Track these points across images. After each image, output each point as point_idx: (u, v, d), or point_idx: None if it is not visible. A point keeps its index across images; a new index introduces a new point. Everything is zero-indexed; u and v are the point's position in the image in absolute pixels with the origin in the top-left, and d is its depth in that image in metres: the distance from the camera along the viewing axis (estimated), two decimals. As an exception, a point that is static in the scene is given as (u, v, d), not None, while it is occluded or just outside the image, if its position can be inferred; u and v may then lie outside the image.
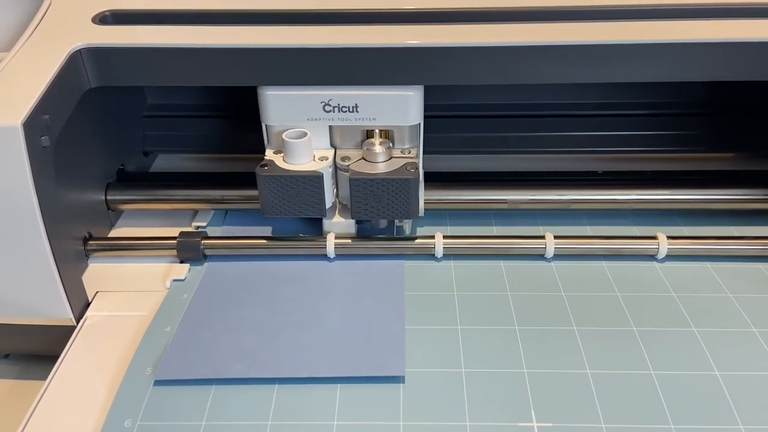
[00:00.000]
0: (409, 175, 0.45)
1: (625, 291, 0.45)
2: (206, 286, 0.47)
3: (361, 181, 0.45)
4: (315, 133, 0.47)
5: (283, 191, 0.46)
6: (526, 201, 0.52)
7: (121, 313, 0.45)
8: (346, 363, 0.39)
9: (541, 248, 0.48)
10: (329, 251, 0.49)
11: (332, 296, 0.45)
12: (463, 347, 0.40)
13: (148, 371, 0.39)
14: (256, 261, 0.49)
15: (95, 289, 0.47)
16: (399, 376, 0.38)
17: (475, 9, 0.49)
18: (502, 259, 0.49)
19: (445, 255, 0.49)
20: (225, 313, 0.44)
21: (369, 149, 0.47)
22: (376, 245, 0.49)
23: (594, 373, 0.38)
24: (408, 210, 0.47)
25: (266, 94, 0.46)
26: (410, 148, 0.48)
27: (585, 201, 0.51)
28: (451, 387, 0.38)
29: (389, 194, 0.46)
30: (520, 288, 0.46)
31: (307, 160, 0.47)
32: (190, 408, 0.37)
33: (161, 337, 0.42)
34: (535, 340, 0.41)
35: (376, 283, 0.46)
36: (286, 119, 0.47)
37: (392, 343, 0.40)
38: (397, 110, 0.46)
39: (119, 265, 0.50)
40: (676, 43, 0.42)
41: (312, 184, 0.46)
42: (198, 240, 0.49)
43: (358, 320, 0.43)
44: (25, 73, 0.42)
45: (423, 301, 0.45)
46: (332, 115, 0.46)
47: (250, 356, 0.40)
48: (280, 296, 0.45)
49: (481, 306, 0.44)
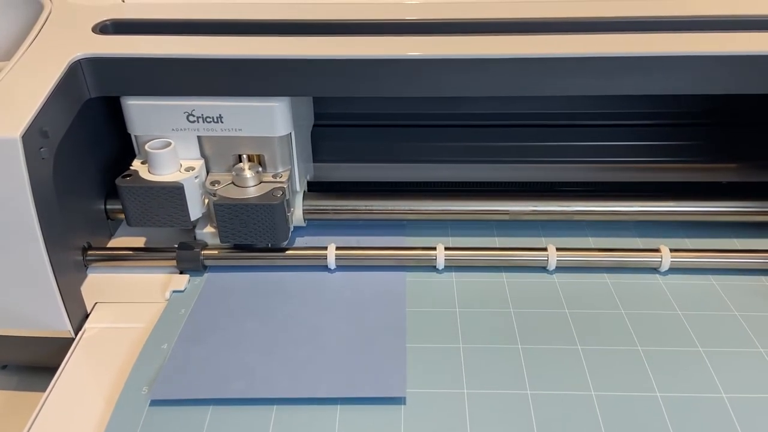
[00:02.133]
0: (274, 200, 0.45)
1: (628, 307, 0.44)
2: (205, 298, 0.46)
3: (226, 207, 0.45)
4: (183, 143, 0.47)
5: (146, 202, 0.46)
6: (528, 212, 0.51)
7: (120, 324, 0.45)
8: (346, 383, 0.38)
9: (543, 260, 0.48)
10: (330, 263, 0.49)
11: (333, 311, 0.45)
12: (465, 367, 0.40)
13: (144, 391, 0.38)
14: (257, 272, 0.49)
15: (94, 300, 0.47)
16: (400, 397, 0.37)
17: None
18: (504, 272, 0.48)
19: (446, 267, 0.49)
20: (223, 329, 0.43)
21: (238, 174, 0.46)
22: (378, 256, 0.49)
23: (599, 395, 0.38)
24: (275, 235, 0.47)
25: (128, 104, 0.45)
26: (282, 172, 0.48)
27: (588, 212, 0.51)
28: (453, 408, 0.37)
29: (255, 219, 0.46)
30: (523, 303, 0.45)
31: (171, 171, 0.46)
32: (187, 429, 0.36)
33: (158, 354, 0.41)
34: (538, 359, 0.40)
35: (377, 298, 0.46)
36: (151, 129, 0.46)
37: (393, 363, 0.40)
38: (262, 121, 0.45)
39: (118, 275, 0.49)
40: (683, 56, 0.42)
41: (173, 194, 0.45)
42: (198, 251, 0.49)
43: (358, 337, 0.42)
44: (25, 84, 0.42)
45: (424, 318, 0.44)
46: (197, 126, 0.46)
47: (248, 374, 0.39)
48: (279, 311, 0.45)
49: (484, 323, 0.43)
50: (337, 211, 0.52)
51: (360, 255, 0.49)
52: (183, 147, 0.47)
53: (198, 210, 0.48)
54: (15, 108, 0.39)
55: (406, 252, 0.49)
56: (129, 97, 0.45)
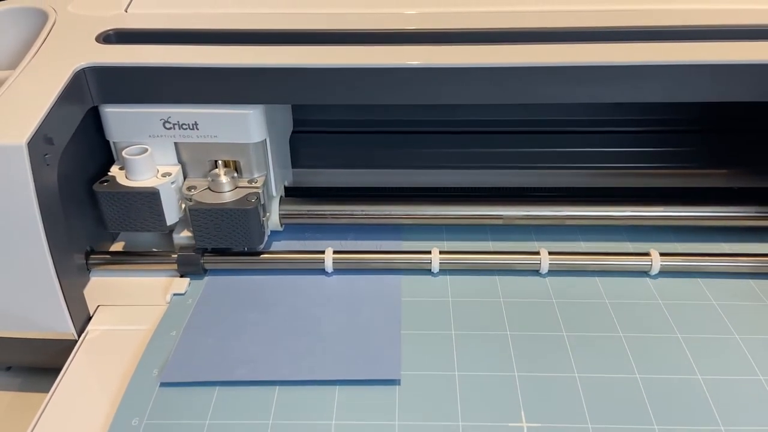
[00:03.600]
0: (248, 205, 0.46)
1: (617, 305, 0.46)
2: (207, 298, 0.48)
3: (200, 212, 0.47)
4: (159, 149, 0.48)
5: (122, 207, 0.47)
6: (520, 217, 0.52)
7: (122, 327, 0.46)
8: (344, 367, 0.40)
9: (536, 264, 0.49)
10: (327, 266, 0.50)
11: (330, 305, 0.47)
12: (456, 351, 0.42)
13: (154, 373, 0.41)
14: (256, 275, 0.50)
15: (96, 303, 0.48)
16: (395, 380, 0.40)
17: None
18: (497, 274, 0.50)
19: (441, 270, 0.50)
20: (227, 320, 0.45)
21: (214, 180, 0.48)
22: (374, 259, 0.50)
23: (581, 377, 0.40)
24: (250, 239, 0.48)
25: (106, 112, 0.47)
26: (257, 177, 0.49)
27: (579, 217, 0.52)
28: (445, 389, 0.39)
29: (229, 224, 0.47)
30: (515, 300, 0.47)
31: (147, 176, 0.47)
32: (195, 408, 0.38)
33: (167, 341, 0.43)
34: (526, 345, 0.42)
35: (373, 295, 0.48)
36: (129, 136, 0.47)
37: (389, 348, 0.42)
38: (236, 128, 0.46)
39: (120, 279, 0.50)
40: (676, 64, 0.43)
41: (149, 199, 0.47)
42: (198, 254, 0.50)
43: (355, 326, 0.44)
44: (30, 92, 0.43)
45: (419, 308, 0.46)
46: (174, 132, 0.47)
47: (252, 360, 0.41)
48: (279, 305, 0.46)
49: (475, 313, 0.45)
50: (315, 215, 0.53)
51: (357, 258, 0.50)
52: (160, 153, 0.48)
53: (175, 215, 0.49)
54: (21, 115, 0.41)
55: (401, 255, 0.50)
56: (106, 104, 0.46)
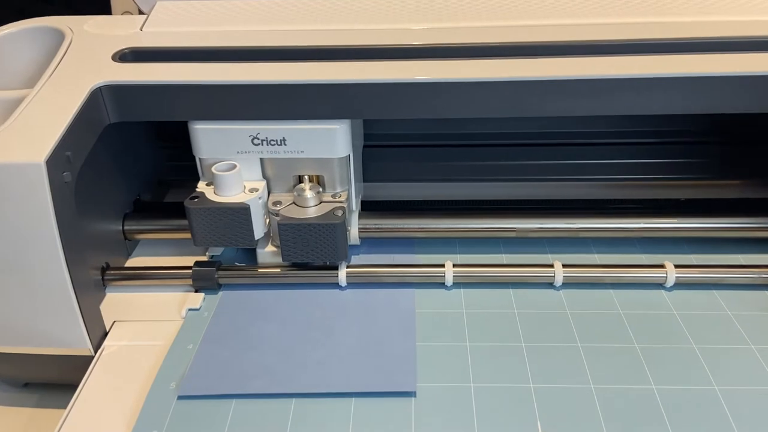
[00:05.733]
0: (335, 220, 0.46)
1: (632, 316, 0.46)
2: (223, 312, 0.48)
3: (290, 227, 0.47)
4: (246, 165, 0.48)
5: (213, 223, 0.47)
6: (534, 230, 0.52)
7: (138, 342, 0.46)
8: (360, 379, 0.41)
9: (549, 276, 0.49)
10: (341, 280, 0.50)
11: (345, 318, 0.47)
12: (472, 363, 0.42)
13: (172, 386, 0.41)
14: (270, 290, 0.50)
15: (113, 319, 0.48)
16: (411, 392, 0.40)
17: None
18: (511, 287, 0.49)
19: (455, 283, 0.50)
20: (243, 333, 0.45)
21: (299, 194, 0.48)
22: (387, 273, 0.50)
23: (597, 388, 0.40)
24: (336, 253, 0.48)
25: (196, 129, 0.47)
26: (341, 192, 0.50)
27: (593, 229, 0.52)
28: (461, 401, 0.39)
29: (317, 239, 0.47)
30: (529, 314, 0.47)
31: (236, 192, 0.48)
32: (213, 420, 0.39)
33: (184, 355, 0.44)
34: (541, 356, 0.42)
35: (387, 307, 0.48)
36: (217, 152, 0.48)
37: (404, 360, 0.42)
38: (323, 143, 0.47)
39: (136, 294, 0.50)
40: (684, 77, 0.43)
41: (239, 215, 0.47)
42: (213, 269, 0.50)
43: (370, 338, 0.44)
44: (48, 111, 0.43)
45: (433, 320, 0.46)
46: (261, 148, 0.47)
47: (268, 373, 0.42)
48: (295, 318, 0.47)
49: (490, 325, 0.46)
50: (384, 230, 0.53)
51: (370, 272, 0.50)
52: (246, 169, 0.49)
53: (261, 230, 0.49)
54: (39, 134, 0.41)
55: (415, 269, 0.50)
56: (196, 121, 0.47)
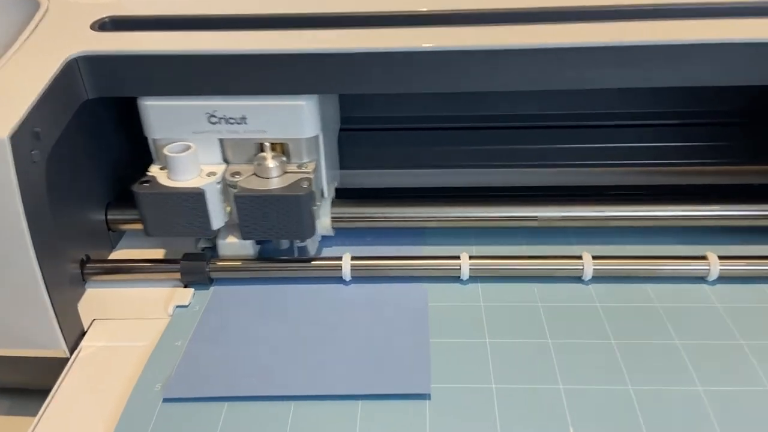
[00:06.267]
0: (300, 191, 0.42)
1: (671, 310, 0.42)
2: (214, 308, 0.44)
3: (248, 199, 0.42)
4: (203, 146, 0.43)
5: (165, 210, 0.43)
6: (558, 218, 0.47)
7: (119, 343, 0.42)
8: (367, 380, 0.37)
9: (578, 270, 0.44)
10: (345, 273, 0.45)
11: (349, 314, 0.42)
12: (492, 362, 0.38)
13: (157, 388, 0.37)
14: (267, 285, 0.45)
15: (92, 317, 0.44)
16: (425, 394, 0.36)
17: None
18: (535, 282, 0.45)
19: (472, 277, 0.45)
20: (237, 330, 0.41)
21: (260, 164, 0.43)
22: (396, 266, 0.45)
23: (637, 390, 0.36)
24: (301, 230, 0.43)
25: (145, 105, 0.42)
26: (308, 162, 0.45)
27: (625, 218, 0.47)
28: (481, 404, 0.35)
29: (279, 213, 0.42)
30: (555, 308, 0.42)
31: (191, 176, 0.43)
32: (202, 426, 0.35)
33: (171, 354, 0.40)
34: (570, 355, 0.38)
35: (396, 302, 0.43)
36: (171, 132, 0.43)
37: (416, 358, 0.38)
38: (288, 122, 0.42)
39: (119, 290, 0.46)
40: (714, 43, 0.38)
41: (194, 201, 0.42)
42: (203, 262, 0.45)
43: (378, 335, 0.40)
44: (16, 83, 0.39)
45: (448, 314, 0.42)
46: (219, 127, 0.43)
47: (264, 373, 0.38)
48: (294, 314, 0.43)
49: (511, 320, 0.41)
50: (355, 219, 0.48)
51: (377, 265, 0.45)
52: (203, 150, 0.44)
53: (221, 218, 0.44)
54: (4, 108, 0.37)
55: (427, 262, 0.45)
56: (147, 97, 0.42)
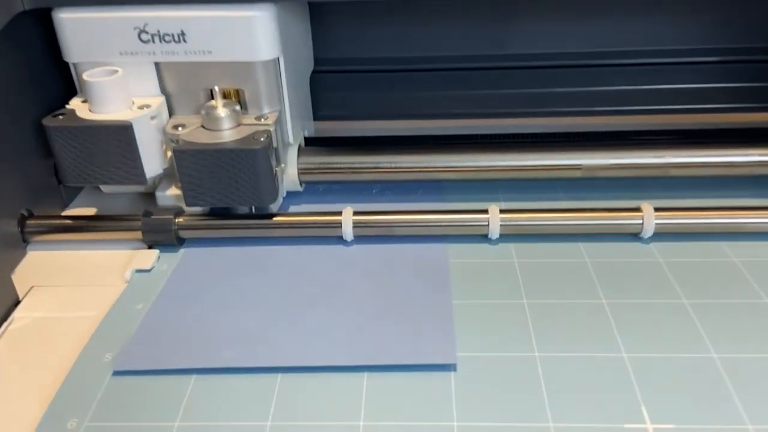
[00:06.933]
0: (255, 145, 0.34)
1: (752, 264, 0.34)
2: (185, 272, 0.35)
3: (190, 154, 0.34)
4: (135, 73, 0.36)
5: (84, 149, 0.35)
6: (607, 166, 0.39)
7: (60, 314, 0.34)
8: (374, 348, 0.29)
9: (635, 224, 0.35)
10: (346, 232, 0.36)
11: (351, 275, 0.35)
12: (533, 325, 0.31)
13: (107, 358, 0.30)
14: (248, 246, 0.37)
15: (30, 283, 0.36)
16: (449, 365, 0.28)
17: None
18: (582, 240, 0.36)
19: (502, 236, 0.36)
20: (211, 294, 0.34)
21: (209, 113, 0.35)
22: (409, 222, 0.37)
23: (722, 358, 0.28)
24: (258, 193, 0.35)
25: (61, 19, 0.34)
26: (269, 113, 0.37)
27: (688, 165, 0.38)
28: (522, 377, 0.28)
29: (231, 171, 0.34)
30: (608, 264, 0.34)
31: (118, 108, 0.35)
32: (162, 404, 0.27)
33: (128, 319, 0.32)
34: (632, 316, 0.31)
35: (409, 261, 0.35)
36: (94, 53, 0.35)
37: (437, 321, 0.31)
38: (239, 39, 0.34)
39: (67, 252, 0.38)
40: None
41: (118, 137, 0.34)
42: (169, 218, 0.37)
43: (387, 296, 0.33)
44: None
45: (474, 272, 0.34)
46: (153, 47, 0.35)
47: (245, 340, 0.30)
48: (284, 276, 0.35)
49: (554, 278, 0.34)
50: (345, 170, 0.40)
51: (385, 221, 0.37)
52: (136, 79, 0.36)
53: (157, 163, 0.36)
54: None
55: (447, 217, 0.37)
56: (62, 9, 0.34)
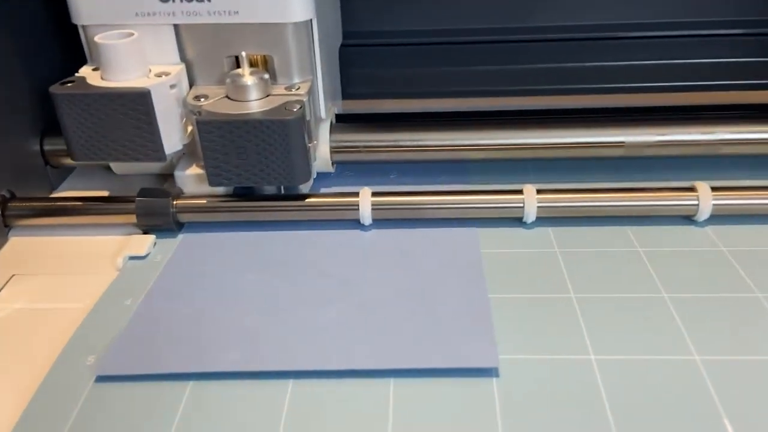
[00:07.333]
0: (287, 115, 0.30)
1: None
2: (182, 260, 0.32)
3: (214, 125, 0.30)
4: (152, 36, 0.32)
5: (95, 121, 0.31)
6: (652, 143, 0.35)
7: (42, 305, 0.30)
8: (402, 351, 0.25)
9: (689, 206, 0.32)
10: (363, 215, 0.32)
11: (371, 263, 0.31)
12: (585, 324, 0.27)
13: (89, 361, 0.26)
14: (256, 231, 0.33)
15: (11, 272, 0.32)
16: (490, 369, 0.25)
17: None
18: (627, 224, 0.32)
19: (539, 219, 0.32)
20: (211, 286, 0.30)
21: (234, 81, 0.31)
22: (434, 203, 0.33)
23: None
24: (290, 170, 0.31)
25: None
26: (300, 83, 0.33)
27: (744, 142, 0.35)
28: (577, 382, 0.24)
29: (260, 145, 0.30)
30: (666, 253, 0.31)
31: (134, 75, 0.31)
32: (152, 416, 0.23)
33: (115, 315, 0.28)
34: (702, 313, 0.27)
35: (435, 247, 0.31)
36: (107, 15, 0.32)
37: (472, 320, 0.27)
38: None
39: (53, 238, 0.35)
40: None
41: (134, 106, 0.30)
42: (167, 199, 0.33)
43: (413, 289, 0.29)
44: None
45: (511, 262, 0.31)
46: (173, 6, 0.31)
47: (249, 340, 0.26)
48: (294, 266, 0.31)
49: (604, 269, 0.30)
50: (372, 149, 0.36)
51: (407, 203, 0.33)
52: (154, 45, 0.32)
53: (176, 137, 0.32)
54: None
55: (477, 197, 0.33)
56: None
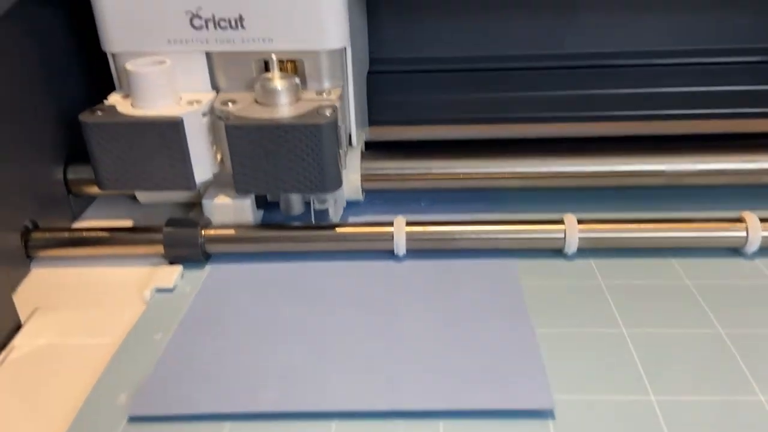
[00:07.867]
0: (320, 119, 0.29)
1: None
2: (211, 292, 0.31)
3: (244, 130, 0.29)
4: (184, 65, 0.31)
5: (125, 149, 0.30)
6: (695, 172, 0.34)
7: (69, 340, 0.29)
8: (451, 391, 0.24)
9: (737, 238, 0.30)
10: (398, 245, 0.31)
11: (408, 297, 0.30)
12: (641, 362, 0.25)
13: (121, 400, 0.25)
14: (286, 263, 0.32)
15: (34, 305, 0.31)
16: (545, 410, 0.24)
17: None
18: (673, 256, 0.31)
19: (580, 250, 0.31)
20: (244, 320, 0.29)
21: (264, 86, 0.31)
22: (472, 234, 0.32)
23: None
24: (322, 177, 0.30)
25: (101, 1, 0.30)
26: (331, 88, 0.32)
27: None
28: (638, 427, 0.23)
29: (291, 151, 0.30)
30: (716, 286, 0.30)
31: (164, 103, 0.31)
32: None
33: (145, 351, 0.27)
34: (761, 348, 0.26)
35: (474, 279, 0.31)
36: (137, 43, 0.31)
37: (521, 356, 0.26)
38: (304, 25, 0.30)
39: (76, 269, 0.34)
40: None
41: (166, 135, 0.30)
42: (195, 229, 0.32)
43: (454, 322, 0.28)
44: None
45: (552, 292, 0.30)
46: (206, 35, 0.31)
47: (287, 378, 0.25)
48: (328, 299, 0.30)
49: (655, 302, 0.29)
50: (403, 176, 0.35)
51: (443, 233, 0.32)
52: (185, 73, 0.32)
53: (207, 166, 0.32)
54: None
55: (516, 227, 0.32)
56: None
